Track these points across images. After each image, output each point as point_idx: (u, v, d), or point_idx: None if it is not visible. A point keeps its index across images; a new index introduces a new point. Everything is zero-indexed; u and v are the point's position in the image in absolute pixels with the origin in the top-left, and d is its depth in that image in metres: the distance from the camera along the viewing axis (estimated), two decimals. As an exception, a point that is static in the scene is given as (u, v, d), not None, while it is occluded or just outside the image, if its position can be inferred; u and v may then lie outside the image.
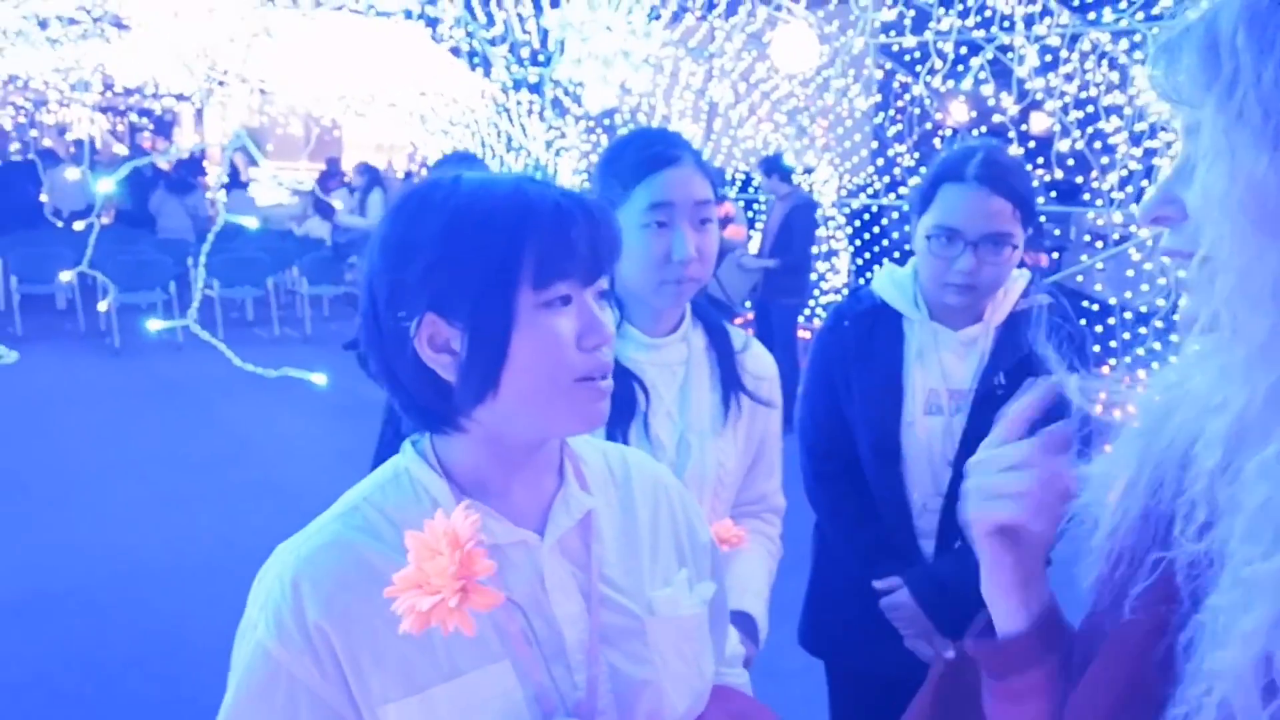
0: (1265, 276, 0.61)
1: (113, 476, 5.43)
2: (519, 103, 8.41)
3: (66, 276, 4.52)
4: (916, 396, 1.79)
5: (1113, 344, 6.45)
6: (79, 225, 4.75)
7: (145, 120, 14.27)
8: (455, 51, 8.50)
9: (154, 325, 4.43)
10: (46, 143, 12.80)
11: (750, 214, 8.32)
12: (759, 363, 1.64)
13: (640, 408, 1.48)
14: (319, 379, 2.50)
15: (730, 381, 1.58)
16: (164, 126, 15.27)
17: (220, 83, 10.17)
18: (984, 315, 1.80)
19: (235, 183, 12.23)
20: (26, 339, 8.13)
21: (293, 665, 0.88)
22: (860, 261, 8.31)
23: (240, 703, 0.90)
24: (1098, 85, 5.47)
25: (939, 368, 1.80)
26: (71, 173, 4.86)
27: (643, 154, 1.48)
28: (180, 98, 12.12)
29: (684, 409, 1.54)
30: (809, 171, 7.71)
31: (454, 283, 0.87)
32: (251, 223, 5.06)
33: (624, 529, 1.02)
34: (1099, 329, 6.83)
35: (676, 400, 1.54)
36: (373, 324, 0.93)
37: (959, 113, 8.63)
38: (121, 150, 10.88)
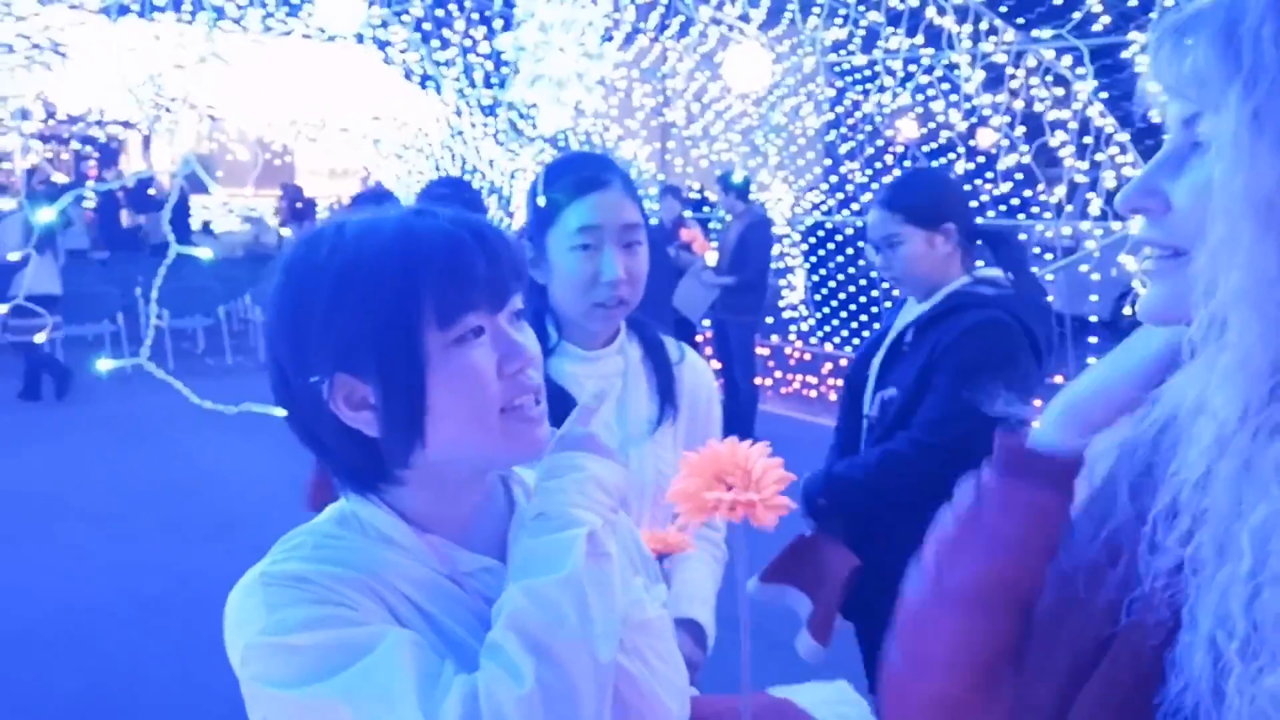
0: (1268, 282, 0.60)
1: (61, 513, 5.28)
2: (473, 125, 8.39)
3: (2, 309, 4.36)
4: None
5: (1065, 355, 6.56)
6: (14, 256, 4.60)
7: (89, 149, 14.01)
8: (408, 75, 8.47)
9: (104, 365, 4.27)
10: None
11: (705, 233, 8.37)
12: (696, 373, 1.66)
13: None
14: (281, 411, 2.44)
15: (666, 391, 1.60)
16: (109, 154, 15.00)
17: (167, 109, 10.04)
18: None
19: (183, 211, 12.06)
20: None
21: (320, 608, 0.82)
22: (815, 278, 8.39)
23: (315, 645, 0.80)
24: (1043, 100, 5.58)
25: None
26: (5, 203, 4.73)
27: (572, 178, 1.50)
28: (126, 125, 11.92)
29: (622, 420, 1.55)
30: (764, 189, 7.78)
31: (355, 338, 0.83)
32: (205, 253, 4.96)
33: None
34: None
35: (614, 411, 1.55)
36: (283, 389, 0.89)
37: (909, 129, 8.78)
38: (62, 179, 10.65)
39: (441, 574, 0.90)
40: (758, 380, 7.03)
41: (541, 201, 1.53)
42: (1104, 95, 5.36)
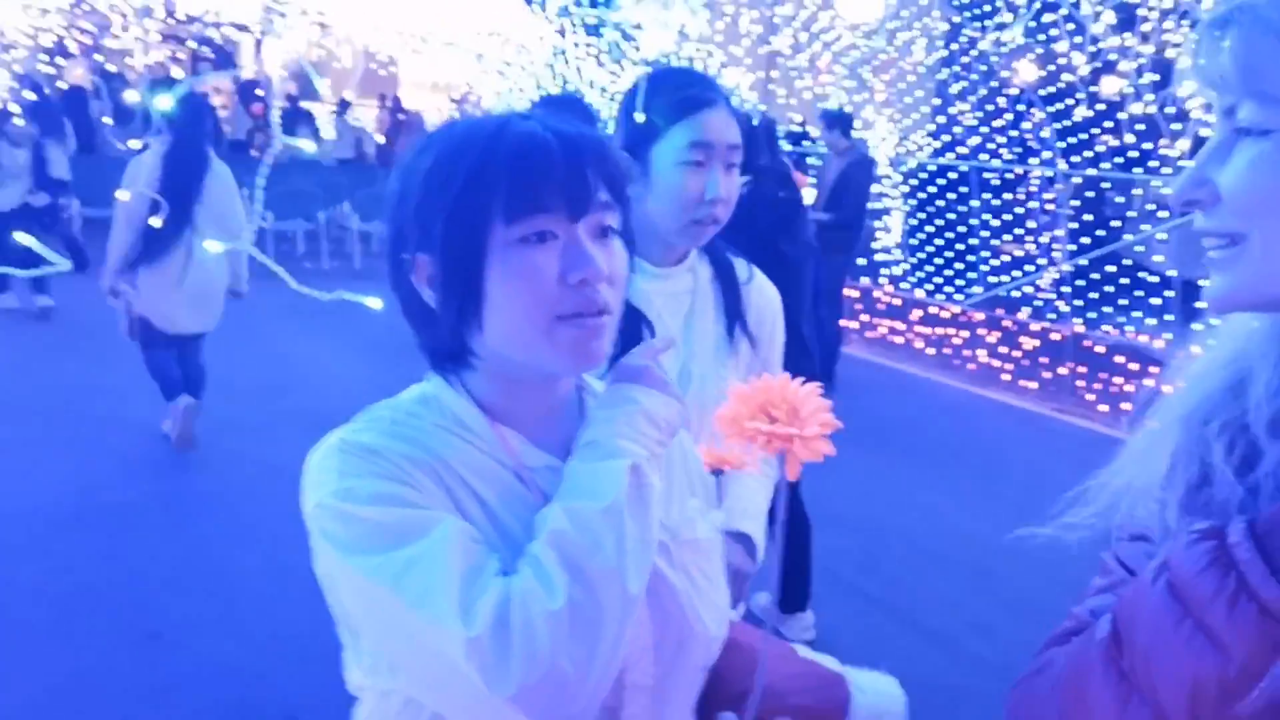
0: None
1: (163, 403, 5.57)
2: (576, 45, 8.32)
3: (124, 197, 4.45)
4: None
5: (1168, 318, 6.31)
6: (135, 143, 4.71)
7: (205, 49, 14.35)
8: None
9: (211, 246, 4.41)
10: (111, 67, 12.95)
11: (802, 169, 8.19)
12: (763, 295, 1.67)
13: (644, 339, 1.50)
14: (374, 302, 2.54)
15: (734, 312, 1.61)
16: (224, 56, 15.34)
17: (281, 14, 10.19)
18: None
19: (295, 117, 12.30)
20: (94, 262, 8.30)
21: (386, 484, 0.87)
22: (914, 222, 8.17)
23: (377, 526, 0.84)
24: (1175, 46, 5.25)
25: None
26: (130, 94, 4.88)
27: (682, 93, 1.51)
28: (240, 28, 12.16)
29: (688, 339, 1.57)
30: (867, 126, 7.56)
31: (432, 221, 0.88)
32: (309, 145, 5.05)
33: None
34: (1155, 301, 6.68)
35: (681, 330, 1.57)
36: (391, 264, 0.95)
37: (1027, 72, 8.39)
38: (180, 76, 10.98)
39: (507, 467, 0.93)
40: (843, 322, 6.93)
41: (640, 118, 1.51)
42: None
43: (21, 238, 2.38)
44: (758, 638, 1.04)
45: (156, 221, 4.22)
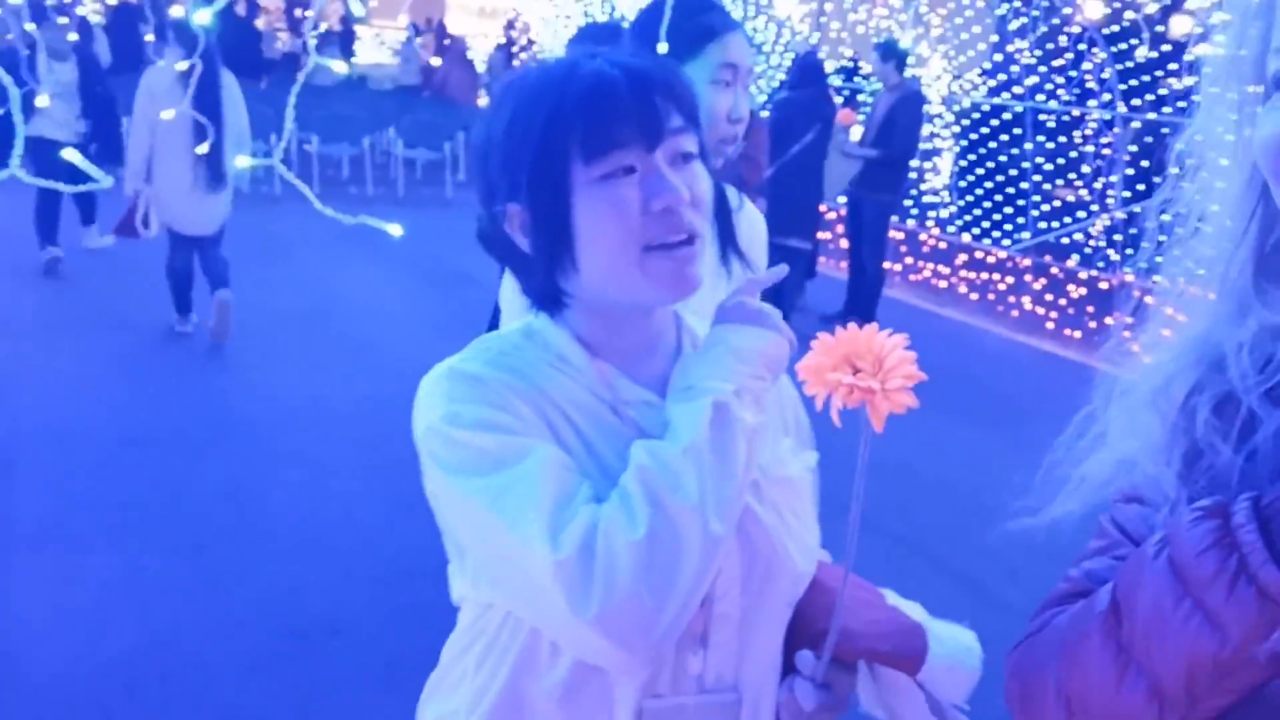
0: None
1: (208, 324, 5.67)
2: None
3: (168, 115, 4.61)
4: None
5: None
6: (182, 66, 4.76)
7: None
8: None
9: (241, 161, 4.55)
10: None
11: (853, 106, 8.01)
12: (751, 223, 1.71)
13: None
14: (394, 229, 2.56)
15: (727, 237, 1.65)
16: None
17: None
18: None
19: (348, 40, 12.21)
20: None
21: (490, 411, 0.91)
22: (964, 164, 7.98)
23: (481, 452, 0.89)
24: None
25: None
26: (176, 10, 4.90)
27: (713, 15, 1.56)
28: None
29: None
30: (921, 63, 7.35)
31: (518, 170, 0.91)
32: (340, 67, 5.09)
33: None
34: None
35: None
36: (483, 217, 0.99)
37: (1092, 9, 8.07)
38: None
39: (604, 400, 0.96)
40: (886, 265, 6.84)
41: (663, 48, 1.54)
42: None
43: (69, 154, 2.40)
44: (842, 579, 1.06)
45: (203, 149, 4.44)
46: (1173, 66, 5.98)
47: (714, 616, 0.96)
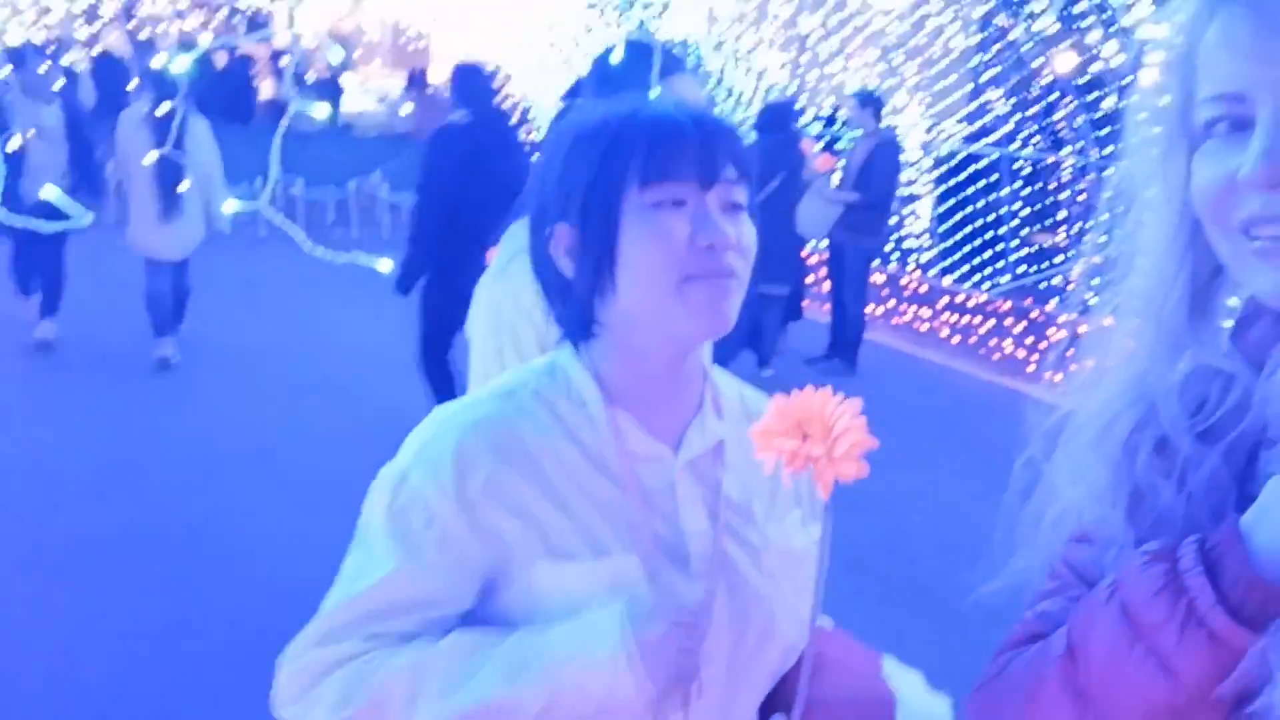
0: None
1: (191, 363, 5.65)
2: (607, 24, 8.29)
3: (150, 158, 4.80)
4: None
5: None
6: (163, 109, 4.95)
7: (238, 18, 14.40)
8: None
9: (229, 206, 4.63)
10: (144, 34, 13.03)
11: (832, 155, 8.14)
12: None
13: None
14: (383, 265, 2.60)
15: None
16: (256, 26, 15.39)
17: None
18: None
19: (335, 89, 12.31)
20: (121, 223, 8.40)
21: (445, 515, 0.94)
22: (943, 209, 8.11)
23: (388, 541, 0.95)
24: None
25: None
26: (159, 59, 5.10)
27: (661, 59, 1.59)
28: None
29: None
30: (897, 112, 7.50)
31: (572, 191, 0.95)
32: (323, 110, 5.18)
33: (750, 463, 1.02)
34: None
35: None
36: (533, 243, 1.01)
37: (1063, 62, 8.28)
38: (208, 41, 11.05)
39: (608, 457, 0.98)
40: (868, 308, 6.90)
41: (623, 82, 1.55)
42: None
43: (49, 190, 2.42)
44: (839, 647, 1.08)
45: (184, 186, 4.68)
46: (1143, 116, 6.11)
47: (699, 681, 0.96)
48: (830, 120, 9.15)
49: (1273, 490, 0.63)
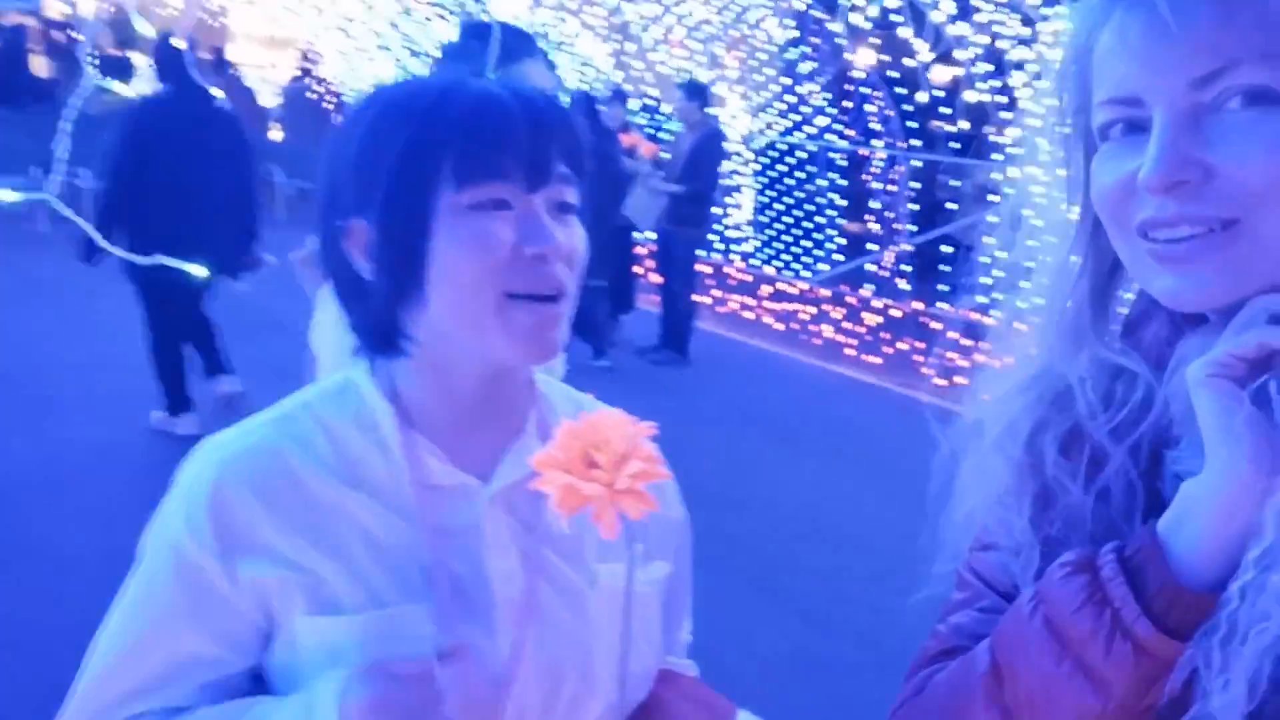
0: None
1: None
2: (424, 2, 8.02)
3: None
4: None
5: (998, 296, 6.70)
6: None
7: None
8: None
9: (6, 195, 4.17)
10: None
11: (655, 144, 8.21)
12: None
13: None
14: (198, 270, 2.39)
15: None
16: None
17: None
18: None
19: (127, 68, 11.29)
20: None
21: (201, 567, 0.82)
22: (764, 199, 8.34)
23: (143, 598, 0.85)
24: (1008, 38, 5.54)
25: None
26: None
27: (501, 44, 1.48)
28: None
29: None
30: (718, 104, 7.63)
31: (372, 183, 0.81)
32: (125, 90, 4.75)
33: None
34: (986, 280, 7.08)
35: None
36: (323, 231, 0.87)
37: (865, 57, 8.69)
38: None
39: (401, 491, 0.85)
40: (697, 298, 7.01)
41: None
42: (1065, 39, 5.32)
43: None
44: (686, 698, 0.96)
45: None
46: (945, 110, 6.49)
47: None
48: (651, 112, 9.22)
49: (1186, 495, 0.62)
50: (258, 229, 4.58)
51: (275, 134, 12.32)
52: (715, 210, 7.36)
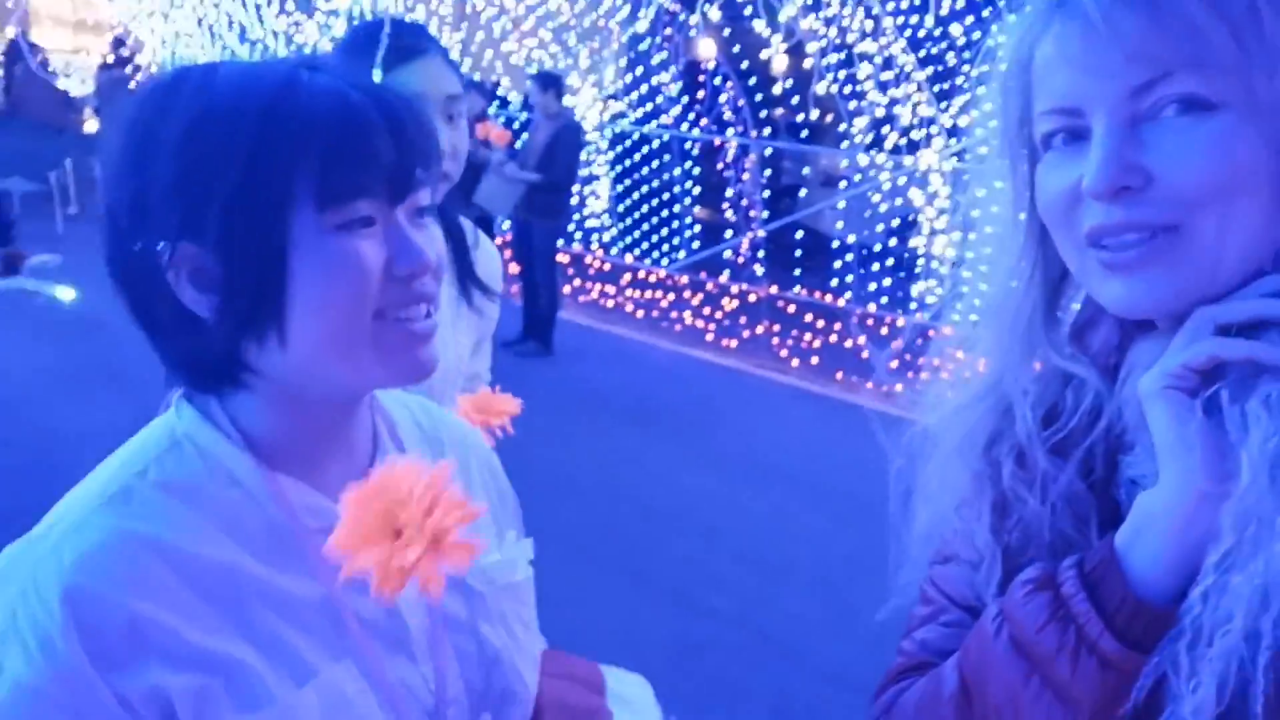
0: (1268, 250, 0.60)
1: None
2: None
3: None
4: None
5: (849, 279, 6.97)
6: None
7: None
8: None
9: None
10: None
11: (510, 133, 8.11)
12: (488, 257, 1.70)
13: None
14: (65, 293, 2.16)
15: (467, 273, 1.61)
16: None
17: None
18: None
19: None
20: None
21: (76, 698, 0.66)
22: (620, 188, 8.37)
23: None
24: (854, 32, 5.74)
25: None
26: None
27: (390, 45, 1.40)
28: None
29: None
30: (571, 93, 7.60)
31: (205, 202, 0.69)
32: None
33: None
34: (837, 264, 7.35)
35: None
36: (117, 253, 0.73)
37: (705, 49, 8.82)
38: None
39: (284, 534, 0.76)
40: (559, 289, 6.97)
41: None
42: (908, 33, 5.58)
43: None
44: (556, 669, 0.95)
45: None
46: (794, 101, 6.68)
47: None
48: (502, 102, 9.10)
49: (1141, 508, 0.64)
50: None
51: (91, 124, 11.46)
52: (573, 200, 7.33)
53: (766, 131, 7.64)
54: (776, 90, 6.41)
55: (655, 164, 8.04)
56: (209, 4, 8.83)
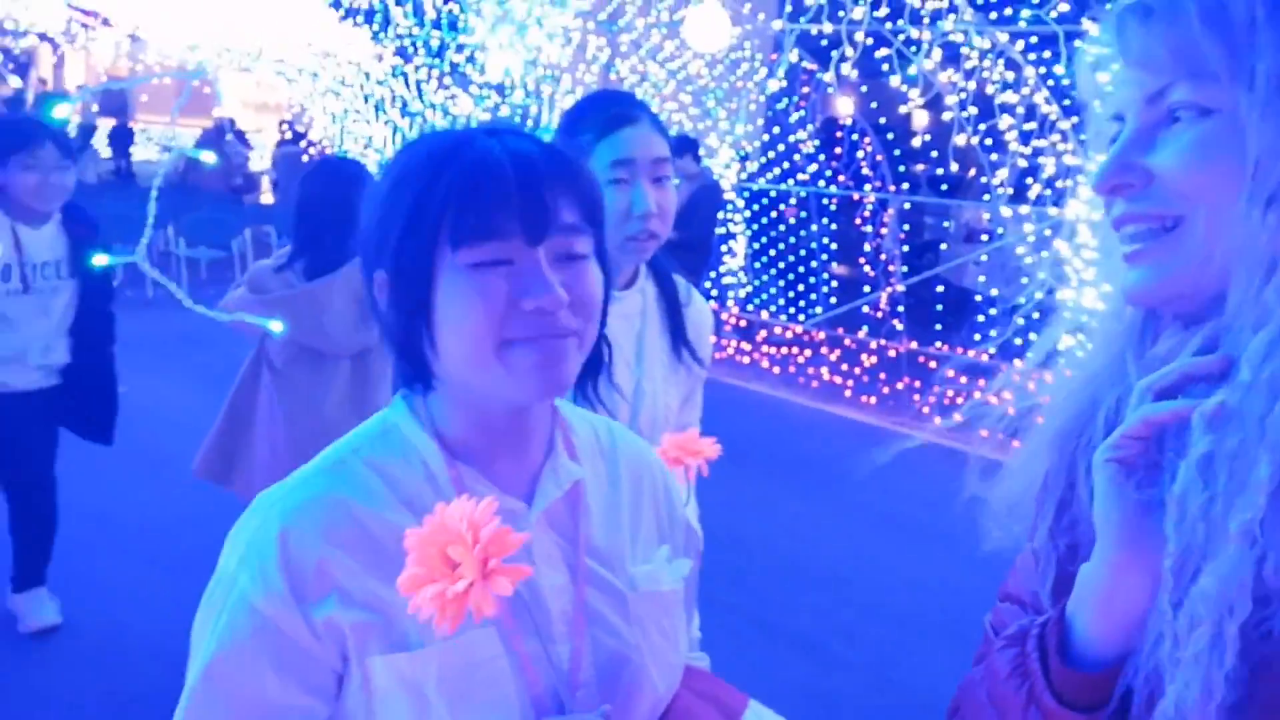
0: (1259, 253, 0.63)
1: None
2: (417, 67, 8.17)
3: None
4: None
5: (993, 333, 6.77)
6: None
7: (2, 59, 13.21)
8: (351, 11, 8.18)
9: (99, 260, 4.18)
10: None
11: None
12: (700, 314, 1.75)
13: (605, 360, 1.52)
14: (275, 325, 2.43)
15: (678, 332, 1.66)
16: (22, 69, 14.15)
17: (85, 25, 9.49)
18: None
19: (124, 137, 11.42)
20: None
21: (280, 620, 0.85)
22: (757, 246, 8.44)
23: (222, 659, 0.86)
24: (994, 83, 5.68)
25: None
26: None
27: (604, 113, 1.53)
28: (43, 37, 11.26)
29: (640, 357, 1.62)
30: (711, 155, 7.77)
31: (386, 237, 0.87)
32: (209, 157, 4.77)
33: (609, 502, 1.00)
34: (980, 319, 7.16)
35: (634, 349, 1.61)
36: (365, 285, 0.93)
37: (843, 106, 8.84)
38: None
39: None
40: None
41: (571, 139, 1.53)
42: (1050, 82, 5.48)
43: None
44: (704, 689, 1.02)
45: None
46: (934, 154, 6.63)
47: None
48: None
49: (1081, 578, 0.67)
50: None
51: (267, 196, 12.44)
52: (712, 258, 7.45)
53: (905, 186, 7.59)
54: (915, 144, 6.37)
55: (792, 220, 8.08)
56: (373, 82, 9.51)
